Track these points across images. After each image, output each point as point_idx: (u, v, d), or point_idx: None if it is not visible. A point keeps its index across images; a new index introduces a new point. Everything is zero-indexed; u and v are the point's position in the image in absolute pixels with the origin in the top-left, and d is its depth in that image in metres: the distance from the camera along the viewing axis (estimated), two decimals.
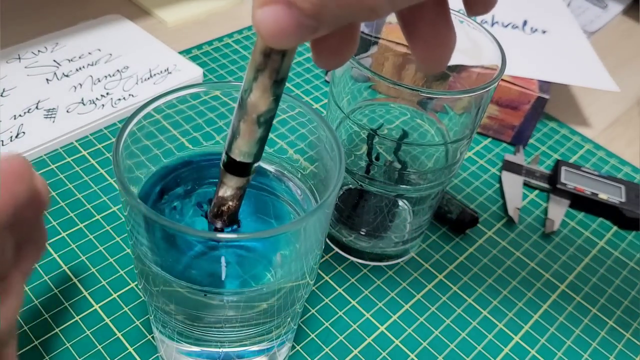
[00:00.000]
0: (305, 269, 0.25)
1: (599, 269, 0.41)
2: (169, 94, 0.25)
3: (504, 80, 0.48)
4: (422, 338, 0.35)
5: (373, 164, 0.33)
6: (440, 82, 0.36)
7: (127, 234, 0.38)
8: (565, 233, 0.44)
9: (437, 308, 0.37)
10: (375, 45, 0.40)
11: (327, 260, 0.39)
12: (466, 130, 0.32)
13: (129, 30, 0.54)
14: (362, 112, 0.33)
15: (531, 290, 0.39)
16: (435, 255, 0.40)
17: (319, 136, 0.25)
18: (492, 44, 0.31)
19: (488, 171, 0.47)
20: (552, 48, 0.54)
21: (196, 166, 0.28)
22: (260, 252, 0.25)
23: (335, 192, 0.22)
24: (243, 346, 0.28)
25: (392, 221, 0.37)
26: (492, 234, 0.42)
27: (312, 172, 0.27)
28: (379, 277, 0.38)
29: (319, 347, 0.34)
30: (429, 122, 0.33)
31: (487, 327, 0.37)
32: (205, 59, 0.53)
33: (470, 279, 0.39)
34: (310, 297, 0.36)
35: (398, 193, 0.34)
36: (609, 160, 0.51)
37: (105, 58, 0.50)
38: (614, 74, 0.53)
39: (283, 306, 0.25)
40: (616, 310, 0.39)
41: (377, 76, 0.29)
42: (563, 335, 0.37)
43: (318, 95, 0.52)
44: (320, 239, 0.24)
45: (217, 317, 0.25)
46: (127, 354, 0.32)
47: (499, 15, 0.56)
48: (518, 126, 0.49)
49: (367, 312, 0.36)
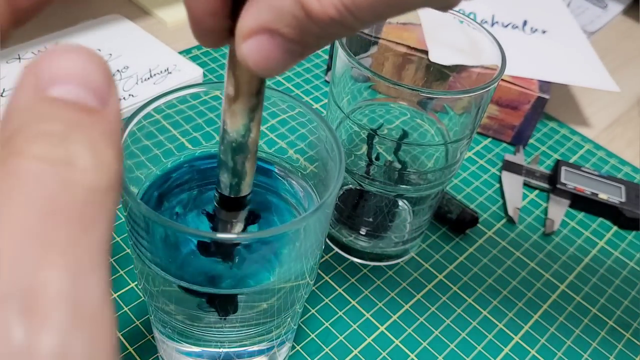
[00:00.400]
0: (305, 269, 0.25)
1: (599, 269, 0.41)
2: (169, 94, 0.25)
3: (504, 80, 0.48)
4: (422, 338, 0.35)
5: (373, 164, 0.33)
6: (440, 82, 0.36)
7: (127, 234, 0.38)
8: (565, 233, 0.44)
9: (437, 308, 0.37)
10: (375, 45, 0.40)
11: (327, 260, 0.39)
12: (466, 130, 0.32)
13: (129, 30, 0.54)
14: (362, 112, 0.33)
15: (531, 290, 0.39)
16: (435, 255, 0.40)
17: (319, 136, 0.25)
18: (492, 44, 0.31)
19: (488, 171, 0.47)
20: (552, 48, 0.54)
21: (196, 167, 0.28)
22: (261, 252, 0.25)
23: (335, 192, 0.22)
24: (243, 346, 0.28)
25: (392, 221, 0.37)
26: (492, 234, 0.42)
27: (312, 172, 0.27)
28: (379, 277, 0.38)
29: (319, 347, 0.34)
30: (429, 122, 0.33)
31: (487, 327, 0.37)
32: (205, 59, 0.53)
33: (470, 279, 0.39)
34: (310, 297, 0.36)
35: (398, 193, 0.34)
36: (609, 160, 0.51)
37: (105, 58, 0.50)
38: (614, 74, 0.53)
39: (283, 306, 0.25)
40: (616, 310, 0.39)
41: (377, 76, 0.29)
42: (563, 335, 0.37)
43: (318, 95, 0.52)
44: (320, 239, 0.24)
45: (217, 317, 0.25)
46: (127, 354, 0.32)
47: (499, 15, 0.56)
48: (518, 126, 0.49)
49: (367, 312, 0.36)
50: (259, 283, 0.25)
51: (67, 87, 0.12)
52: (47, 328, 0.09)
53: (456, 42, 0.33)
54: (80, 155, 0.11)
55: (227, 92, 0.18)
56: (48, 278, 0.10)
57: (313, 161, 0.27)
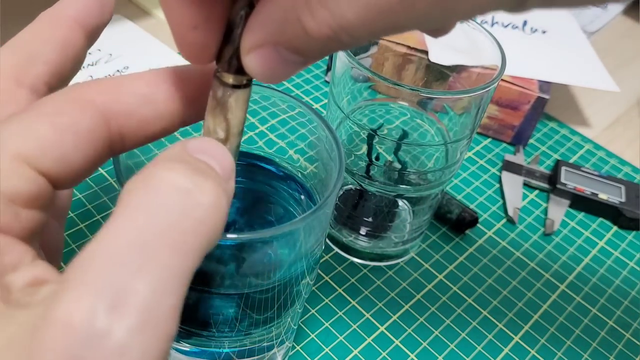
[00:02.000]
0: (305, 269, 0.25)
1: (599, 269, 0.41)
2: None
3: (504, 80, 0.48)
4: (422, 338, 0.35)
5: (373, 164, 0.33)
6: (440, 82, 0.36)
7: None
8: (565, 233, 0.44)
9: (437, 308, 0.37)
10: (375, 46, 0.40)
11: (327, 260, 0.39)
12: (466, 130, 0.32)
13: (129, 30, 0.54)
14: (362, 112, 0.33)
15: (531, 291, 0.39)
16: (435, 256, 0.40)
17: (319, 136, 0.25)
18: (492, 44, 0.31)
19: (488, 171, 0.47)
20: (552, 48, 0.54)
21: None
22: (260, 252, 0.25)
23: (335, 192, 0.22)
24: (243, 346, 0.28)
25: (392, 221, 0.37)
26: (492, 234, 0.42)
27: (312, 172, 0.27)
28: (379, 277, 0.38)
29: (319, 347, 0.34)
30: (429, 122, 0.33)
31: (487, 327, 0.37)
32: None
33: (470, 279, 0.39)
34: (310, 297, 0.36)
35: (398, 193, 0.34)
36: (609, 160, 0.51)
37: (106, 58, 0.50)
38: (614, 74, 0.53)
39: (283, 306, 0.25)
40: (616, 310, 0.39)
41: (377, 76, 0.29)
42: (563, 335, 0.37)
43: (318, 96, 0.52)
44: (320, 239, 0.24)
45: (217, 317, 0.25)
46: None
47: (499, 15, 0.56)
48: (518, 126, 0.49)
49: (367, 312, 0.36)
50: (258, 283, 0.25)
51: (209, 158, 0.15)
52: (121, 325, 0.12)
53: (456, 42, 0.33)
54: (204, 191, 0.14)
55: (216, 137, 0.18)
56: (138, 288, 0.12)
57: (313, 161, 0.27)
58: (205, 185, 0.14)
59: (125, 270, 0.12)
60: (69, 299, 0.12)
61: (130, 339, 0.12)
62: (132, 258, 0.12)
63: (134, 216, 0.13)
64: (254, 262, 0.25)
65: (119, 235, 0.13)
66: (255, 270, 0.25)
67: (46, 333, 0.11)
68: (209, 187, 0.14)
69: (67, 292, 0.12)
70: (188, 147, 0.15)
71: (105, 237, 0.13)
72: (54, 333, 0.11)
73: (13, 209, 0.14)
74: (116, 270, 0.12)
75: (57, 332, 0.11)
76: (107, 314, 0.12)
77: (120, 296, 0.12)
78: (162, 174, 0.14)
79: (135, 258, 0.12)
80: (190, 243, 0.13)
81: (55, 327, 0.12)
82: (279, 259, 0.24)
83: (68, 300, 0.12)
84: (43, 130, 0.15)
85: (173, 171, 0.14)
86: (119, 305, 0.12)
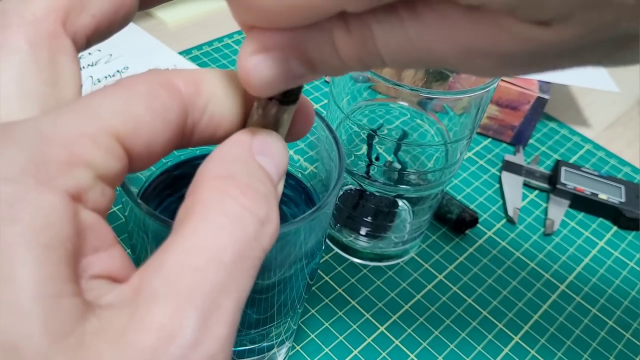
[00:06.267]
0: (306, 269, 0.25)
1: (598, 269, 0.41)
2: None
3: (504, 81, 0.48)
4: (422, 338, 0.35)
5: (373, 165, 0.33)
6: (440, 83, 0.36)
7: (127, 234, 0.38)
8: (565, 233, 0.44)
9: (437, 308, 0.37)
10: None
11: (327, 260, 0.39)
12: (466, 131, 0.32)
13: (130, 31, 0.54)
14: (362, 113, 0.33)
15: (531, 291, 0.39)
16: (435, 256, 0.40)
17: (319, 136, 0.25)
18: None
19: (488, 171, 0.47)
20: None
21: (196, 167, 0.28)
22: None
23: (335, 192, 0.22)
24: (243, 346, 0.28)
25: (392, 221, 0.37)
26: (492, 234, 0.42)
27: (312, 172, 0.27)
28: (379, 278, 0.38)
29: (319, 347, 0.34)
30: (429, 122, 0.33)
31: (487, 327, 0.37)
32: (205, 59, 0.54)
33: (470, 279, 0.39)
34: (310, 297, 0.36)
35: (398, 193, 0.34)
36: (609, 161, 0.51)
37: (105, 58, 0.50)
38: (614, 74, 0.53)
39: (283, 306, 0.25)
40: (616, 311, 0.39)
41: (377, 76, 0.29)
42: (563, 335, 0.37)
43: (318, 96, 0.52)
44: (320, 239, 0.24)
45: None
46: None
47: None
48: (518, 126, 0.49)
49: (367, 312, 0.36)
50: (258, 283, 0.25)
51: (269, 161, 0.16)
52: (212, 336, 0.13)
53: None
54: (271, 220, 0.14)
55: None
56: (225, 305, 0.13)
57: (313, 161, 0.27)
58: (272, 215, 0.15)
59: (214, 287, 0.13)
60: (162, 307, 0.12)
61: (219, 350, 0.13)
62: (219, 276, 0.13)
63: (219, 235, 0.13)
64: None
65: (204, 251, 0.13)
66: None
67: (137, 337, 0.12)
68: (274, 217, 0.15)
69: (160, 300, 0.12)
70: (253, 146, 0.16)
71: (190, 250, 0.13)
72: (147, 338, 0.12)
73: (101, 186, 0.14)
74: (207, 286, 0.13)
75: (150, 338, 0.12)
76: (200, 326, 0.12)
77: (211, 310, 0.13)
78: (242, 201, 0.14)
79: (221, 277, 0.13)
80: (256, 267, 0.14)
81: (148, 333, 0.12)
82: (279, 259, 0.25)
83: (162, 307, 0.12)
84: (140, 111, 0.14)
85: (249, 199, 0.14)
86: (209, 319, 0.12)
